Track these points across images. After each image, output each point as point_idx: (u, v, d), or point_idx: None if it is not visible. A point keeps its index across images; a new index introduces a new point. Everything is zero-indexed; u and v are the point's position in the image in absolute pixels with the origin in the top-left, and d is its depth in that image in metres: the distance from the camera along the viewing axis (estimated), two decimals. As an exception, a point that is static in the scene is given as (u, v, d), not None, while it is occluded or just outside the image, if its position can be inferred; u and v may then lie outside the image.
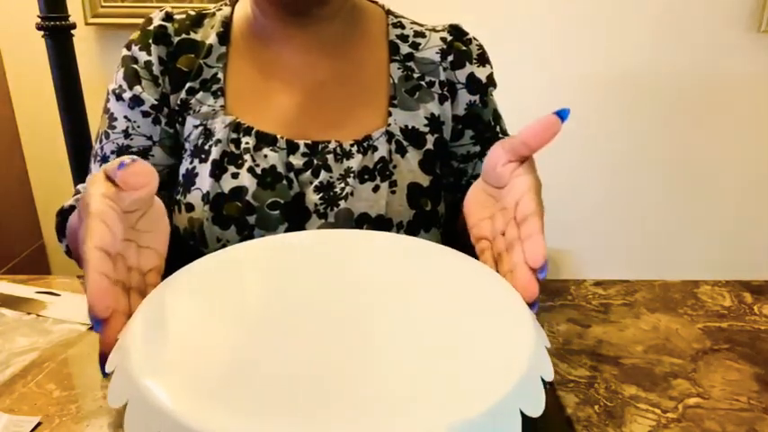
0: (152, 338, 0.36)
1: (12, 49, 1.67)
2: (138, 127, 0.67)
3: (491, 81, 0.73)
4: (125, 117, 0.67)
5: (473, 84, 0.71)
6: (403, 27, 0.73)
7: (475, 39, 0.74)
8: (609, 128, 1.72)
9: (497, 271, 0.45)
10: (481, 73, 0.72)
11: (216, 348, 0.36)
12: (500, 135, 0.73)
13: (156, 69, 0.67)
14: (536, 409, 0.33)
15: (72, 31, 1.26)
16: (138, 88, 0.66)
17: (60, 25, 1.23)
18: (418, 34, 0.73)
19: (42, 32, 1.24)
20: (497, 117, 0.74)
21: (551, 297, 0.58)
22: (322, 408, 0.31)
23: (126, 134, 0.66)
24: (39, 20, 1.23)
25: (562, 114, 0.47)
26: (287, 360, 0.35)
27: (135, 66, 0.67)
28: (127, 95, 0.67)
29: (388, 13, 0.74)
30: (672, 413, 0.42)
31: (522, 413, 0.32)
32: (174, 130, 0.68)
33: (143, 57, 0.67)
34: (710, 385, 0.45)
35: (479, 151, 0.72)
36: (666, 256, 1.82)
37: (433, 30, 0.74)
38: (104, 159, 0.67)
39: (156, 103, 0.67)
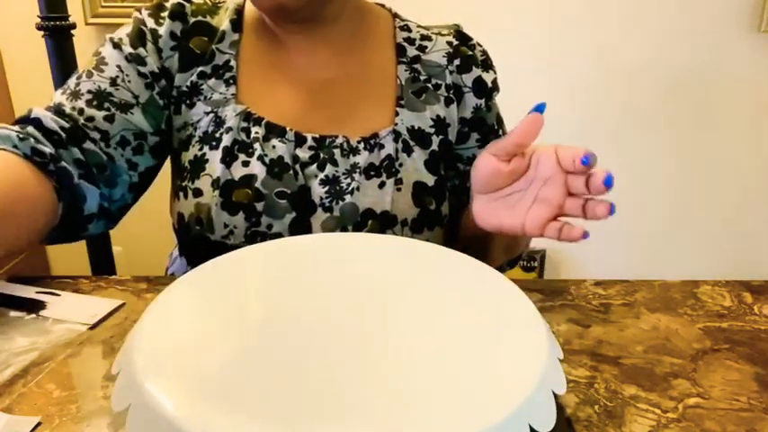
0: (157, 343, 0.36)
1: (12, 49, 1.67)
2: (129, 81, 0.66)
3: (495, 86, 0.75)
4: (117, 66, 0.66)
5: (480, 87, 0.73)
6: (410, 30, 0.74)
7: (479, 44, 0.76)
8: (608, 128, 1.72)
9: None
10: (487, 78, 0.74)
11: (220, 354, 0.36)
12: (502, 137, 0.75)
13: (162, 42, 0.68)
14: (546, 423, 0.32)
15: (72, 31, 1.26)
16: (142, 50, 0.67)
17: (60, 25, 1.23)
18: (424, 38, 0.74)
19: (42, 32, 1.23)
20: (500, 121, 0.76)
21: (551, 297, 0.58)
22: (326, 416, 0.31)
23: (113, 82, 0.66)
24: (39, 20, 1.23)
25: (540, 109, 0.50)
26: (292, 367, 0.35)
27: (143, 28, 0.68)
28: (127, 49, 0.67)
29: (395, 16, 0.76)
30: (672, 413, 0.41)
31: (531, 428, 0.31)
32: (175, 108, 0.68)
33: (151, 24, 0.68)
34: (710, 385, 0.45)
35: (477, 145, 0.74)
36: (666, 256, 1.82)
37: (439, 33, 0.75)
38: (75, 95, 0.65)
39: (157, 71, 0.67)
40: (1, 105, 1.66)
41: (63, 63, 1.28)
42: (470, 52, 0.74)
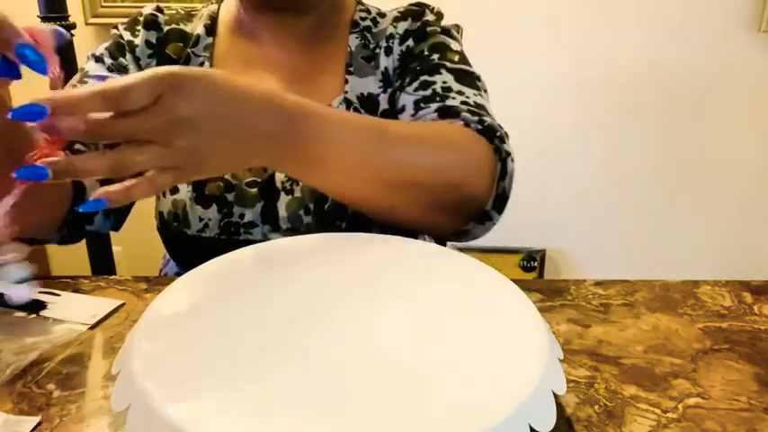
0: (156, 343, 0.36)
1: (12, 49, 1.67)
2: None
3: (427, 23, 0.72)
4: (100, 77, 0.68)
5: (408, 33, 0.72)
6: (369, 12, 0.76)
7: (437, 7, 0.76)
8: (608, 128, 1.72)
9: None
10: (414, 23, 0.72)
11: (220, 354, 0.36)
12: (435, 60, 0.68)
13: (139, 51, 0.71)
14: (546, 424, 0.32)
15: (72, 31, 1.26)
16: (122, 60, 0.70)
17: (60, 25, 1.23)
18: (380, 15, 0.76)
19: (42, 32, 1.24)
20: (441, 49, 0.69)
21: (551, 297, 0.58)
22: (325, 416, 0.31)
23: None
24: (39, 20, 1.23)
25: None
26: (291, 367, 0.35)
27: (121, 41, 0.71)
28: (108, 61, 0.69)
29: (359, 2, 0.78)
30: (672, 413, 0.41)
31: (531, 428, 0.31)
32: None
33: (127, 36, 0.71)
34: (710, 385, 0.45)
35: (400, 84, 0.69)
36: (666, 256, 1.82)
37: (396, 10, 0.76)
38: None
39: None
40: (1, 105, 1.65)
41: (63, 63, 1.27)
42: (418, 8, 0.75)
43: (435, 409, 0.31)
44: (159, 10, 0.74)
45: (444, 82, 0.66)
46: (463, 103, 0.63)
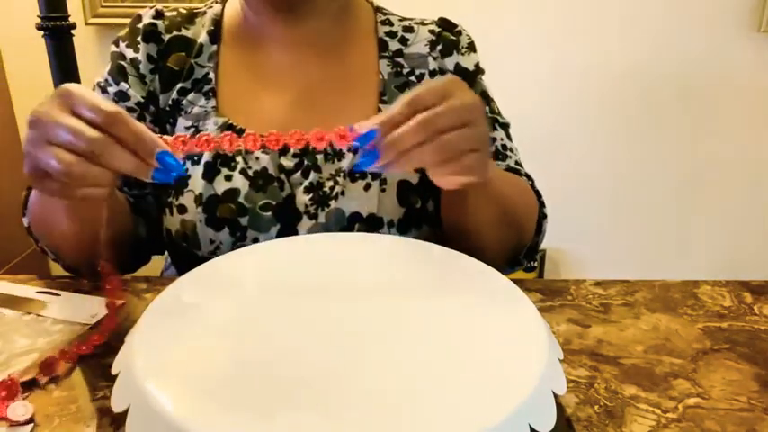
0: (156, 343, 0.36)
1: (12, 49, 1.67)
2: None
3: (478, 68, 0.74)
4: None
5: (460, 73, 0.72)
6: (391, 24, 0.73)
7: (464, 29, 0.75)
8: (608, 127, 1.72)
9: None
10: (468, 62, 0.73)
11: (220, 354, 0.36)
12: (488, 114, 0.72)
13: (143, 68, 0.67)
14: (546, 424, 0.32)
15: (72, 31, 1.26)
16: (124, 84, 0.67)
17: (60, 25, 1.23)
18: (407, 29, 0.73)
19: (42, 32, 1.23)
20: (488, 99, 0.74)
21: (551, 297, 0.58)
22: (325, 416, 0.31)
23: None
24: (39, 20, 1.23)
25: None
26: (290, 367, 0.35)
27: (122, 62, 0.68)
28: (112, 90, 0.67)
29: (377, 10, 0.75)
30: (672, 413, 0.41)
31: (531, 428, 0.31)
32: (160, 129, 0.68)
33: (130, 54, 0.67)
34: (710, 385, 0.45)
35: None
36: (666, 256, 1.82)
37: (422, 23, 0.74)
38: None
39: (141, 101, 0.67)
40: (1, 105, 1.66)
41: (63, 63, 1.28)
42: (454, 37, 0.73)
43: (436, 409, 0.31)
44: (159, 15, 0.69)
45: (501, 139, 0.72)
46: (517, 163, 0.72)
